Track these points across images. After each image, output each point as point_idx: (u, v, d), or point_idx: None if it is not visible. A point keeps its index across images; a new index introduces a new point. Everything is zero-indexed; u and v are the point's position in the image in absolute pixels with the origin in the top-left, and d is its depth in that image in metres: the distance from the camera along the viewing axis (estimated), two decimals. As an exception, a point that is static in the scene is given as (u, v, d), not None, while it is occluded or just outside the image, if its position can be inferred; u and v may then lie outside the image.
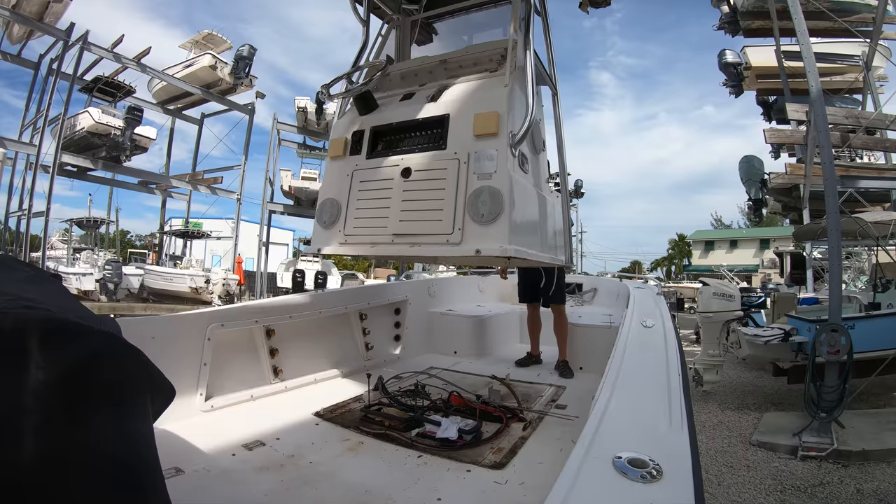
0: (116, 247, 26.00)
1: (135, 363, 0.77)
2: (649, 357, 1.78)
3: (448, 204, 2.00)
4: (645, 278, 7.76)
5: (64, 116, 14.46)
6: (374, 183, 2.25)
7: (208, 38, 18.68)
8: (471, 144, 2.03)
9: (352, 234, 2.27)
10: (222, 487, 1.63)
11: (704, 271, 31.28)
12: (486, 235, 1.91)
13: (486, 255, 1.91)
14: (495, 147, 1.97)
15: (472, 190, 1.97)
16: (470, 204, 1.95)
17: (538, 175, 2.44)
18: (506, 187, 1.92)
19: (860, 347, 4.73)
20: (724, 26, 11.44)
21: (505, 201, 1.90)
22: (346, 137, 2.40)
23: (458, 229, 1.96)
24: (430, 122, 2.18)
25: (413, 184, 2.13)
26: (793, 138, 9.21)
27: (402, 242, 2.11)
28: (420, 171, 2.12)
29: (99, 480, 0.61)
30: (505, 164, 1.94)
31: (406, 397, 2.49)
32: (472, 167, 1.99)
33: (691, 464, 0.94)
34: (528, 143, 2.25)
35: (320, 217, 2.40)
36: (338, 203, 2.33)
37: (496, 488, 1.65)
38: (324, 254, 2.40)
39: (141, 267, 19.34)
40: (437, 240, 2.01)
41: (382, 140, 2.34)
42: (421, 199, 2.09)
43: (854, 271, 13.45)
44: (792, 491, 3.71)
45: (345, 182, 2.33)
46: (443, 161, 2.07)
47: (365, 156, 2.33)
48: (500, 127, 1.98)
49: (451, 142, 2.09)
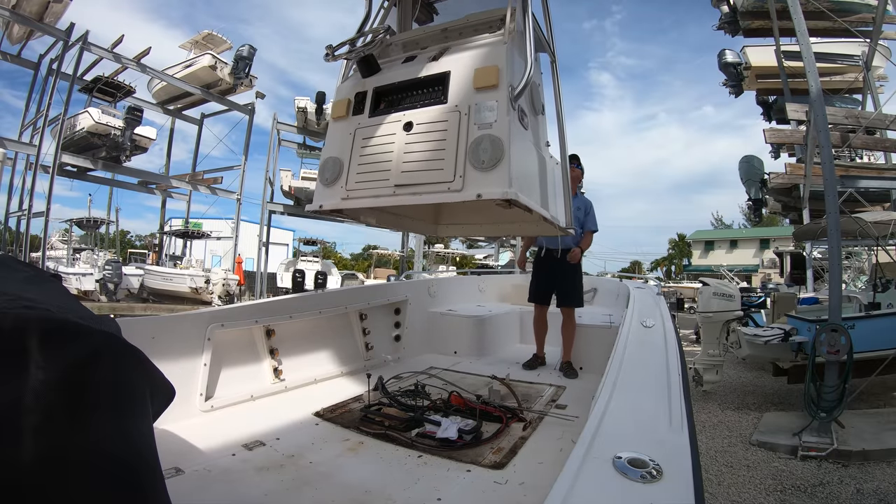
0: (116, 247, 25.99)
1: (135, 363, 0.77)
2: (649, 357, 1.78)
3: (449, 154, 2.03)
4: (645, 278, 7.77)
5: (64, 116, 14.45)
6: (376, 139, 2.28)
7: (208, 39, 18.68)
8: (471, 97, 2.06)
9: (353, 189, 2.28)
10: (222, 487, 1.63)
11: (704, 271, 31.28)
12: (487, 180, 1.93)
13: (487, 198, 1.92)
14: (495, 98, 2.01)
15: (472, 139, 2.00)
16: (471, 152, 1.98)
17: (538, 135, 2.48)
18: (505, 135, 1.95)
19: (860, 347, 4.73)
20: (723, 26, 11.44)
21: (505, 148, 1.93)
22: (348, 99, 2.43)
23: (460, 177, 1.98)
24: (432, 80, 2.21)
25: (414, 136, 2.15)
26: (793, 138, 9.21)
27: (404, 193, 2.12)
28: (421, 124, 2.15)
29: (99, 480, 0.61)
30: (505, 115, 1.98)
31: (406, 397, 2.49)
32: (472, 118, 2.03)
33: (691, 464, 0.94)
34: (527, 103, 2.29)
35: (322, 175, 2.41)
36: (340, 161, 2.35)
37: (496, 488, 1.65)
38: (326, 209, 2.39)
39: (141, 267, 19.34)
40: (438, 188, 2.03)
41: (385, 100, 2.37)
42: (422, 151, 2.12)
43: (854, 271, 13.47)
44: (792, 491, 3.71)
45: (347, 140, 2.35)
46: (444, 114, 2.10)
47: (367, 114, 2.35)
48: (499, 79, 2.02)
49: (451, 96, 2.12)
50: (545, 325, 3.78)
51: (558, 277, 3.68)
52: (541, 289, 3.77)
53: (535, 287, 3.82)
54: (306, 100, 18.50)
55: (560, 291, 3.67)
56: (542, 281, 3.78)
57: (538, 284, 3.80)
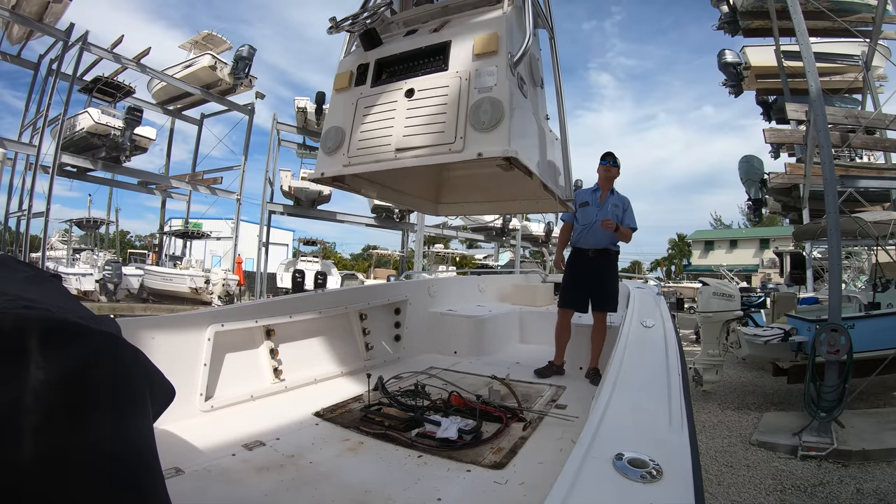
0: (116, 247, 25.99)
1: (135, 363, 0.77)
2: (649, 357, 1.78)
3: (450, 117, 2.07)
4: (645, 278, 7.77)
5: (64, 117, 14.44)
6: (378, 107, 2.31)
7: (208, 39, 18.67)
8: (472, 64, 2.11)
9: (355, 156, 2.31)
10: (222, 487, 1.63)
11: (704, 271, 31.27)
12: (488, 140, 1.97)
13: (488, 156, 1.96)
14: (495, 64, 2.06)
15: (472, 102, 2.03)
16: (471, 114, 2.02)
17: (537, 106, 2.52)
18: (506, 97, 1.99)
19: (860, 347, 4.73)
20: (723, 26, 11.43)
21: (505, 109, 1.97)
22: (350, 71, 2.47)
23: (461, 138, 2.02)
24: (433, 49, 2.26)
25: (415, 102, 2.19)
26: (792, 138, 9.20)
27: (405, 156, 2.15)
28: (423, 90, 2.19)
29: (98, 480, 0.61)
30: (505, 79, 2.02)
31: (406, 397, 2.49)
32: (472, 83, 2.07)
33: (691, 464, 0.94)
34: (526, 73, 2.34)
35: (324, 144, 2.44)
36: (342, 130, 2.38)
37: (496, 488, 1.65)
38: (327, 176, 2.43)
39: (141, 267, 19.33)
40: (439, 150, 2.07)
41: (387, 70, 2.41)
42: (423, 115, 2.15)
43: (854, 271, 13.48)
44: (792, 491, 3.71)
45: (349, 110, 2.38)
46: (445, 79, 2.15)
47: (369, 85, 2.39)
48: (499, 46, 2.07)
49: (452, 63, 2.16)
50: (569, 331, 3.50)
51: (595, 281, 3.44)
52: (578, 292, 3.48)
53: (572, 288, 3.52)
54: (306, 100, 18.48)
55: (596, 296, 3.42)
56: (579, 282, 3.51)
57: (574, 286, 3.52)
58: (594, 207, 3.55)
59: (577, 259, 3.62)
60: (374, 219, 20.59)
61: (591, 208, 3.55)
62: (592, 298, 3.47)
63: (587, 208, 3.56)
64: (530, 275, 6.75)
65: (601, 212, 3.50)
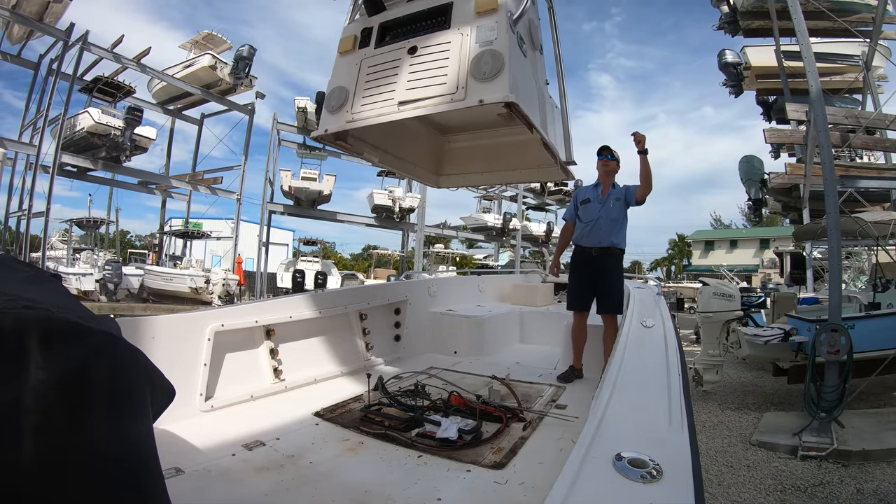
0: (116, 247, 25.97)
1: (134, 363, 0.77)
2: (649, 357, 1.78)
3: (452, 70, 2.15)
4: (645, 278, 7.77)
5: (64, 117, 14.45)
6: (381, 65, 2.38)
7: (208, 39, 18.68)
8: (473, 21, 2.20)
9: (358, 112, 2.37)
10: (222, 487, 1.63)
11: (704, 271, 31.26)
12: (488, 88, 2.05)
13: (489, 102, 2.02)
14: (495, 20, 2.15)
15: (473, 55, 2.12)
16: (472, 66, 2.10)
17: (536, 69, 2.58)
18: (505, 50, 2.07)
19: (860, 347, 4.72)
20: (723, 26, 11.43)
21: (505, 60, 2.05)
22: (354, 34, 2.54)
23: (462, 88, 2.10)
24: (436, 11, 2.34)
25: (418, 58, 2.27)
26: (792, 138, 9.20)
27: (408, 108, 2.22)
28: (426, 47, 2.27)
29: (98, 480, 0.61)
30: (504, 34, 2.11)
31: (406, 397, 2.49)
32: (473, 39, 2.16)
33: (691, 464, 0.94)
34: (525, 34, 2.42)
35: (328, 104, 2.49)
36: (345, 89, 2.45)
37: (496, 488, 1.65)
38: (330, 133, 2.48)
39: (141, 267, 19.33)
40: (441, 100, 2.15)
41: (390, 33, 2.48)
42: (426, 69, 2.23)
43: (854, 271, 13.46)
44: (792, 491, 3.71)
45: (353, 70, 2.45)
46: (447, 36, 2.24)
47: (373, 47, 2.46)
48: (498, 4, 2.16)
49: (454, 22, 2.25)
50: (585, 333, 3.42)
51: (600, 282, 3.36)
52: (583, 292, 3.42)
53: (577, 290, 3.46)
54: (306, 100, 18.51)
55: (602, 298, 3.35)
56: (582, 282, 3.45)
57: (578, 287, 3.46)
58: (596, 204, 3.44)
59: (580, 259, 3.53)
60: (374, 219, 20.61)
61: (594, 205, 3.45)
62: (598, 300, 3.39)
63: (589, 205, 3.46)
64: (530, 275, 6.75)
65: (604, 207, 3.41)
